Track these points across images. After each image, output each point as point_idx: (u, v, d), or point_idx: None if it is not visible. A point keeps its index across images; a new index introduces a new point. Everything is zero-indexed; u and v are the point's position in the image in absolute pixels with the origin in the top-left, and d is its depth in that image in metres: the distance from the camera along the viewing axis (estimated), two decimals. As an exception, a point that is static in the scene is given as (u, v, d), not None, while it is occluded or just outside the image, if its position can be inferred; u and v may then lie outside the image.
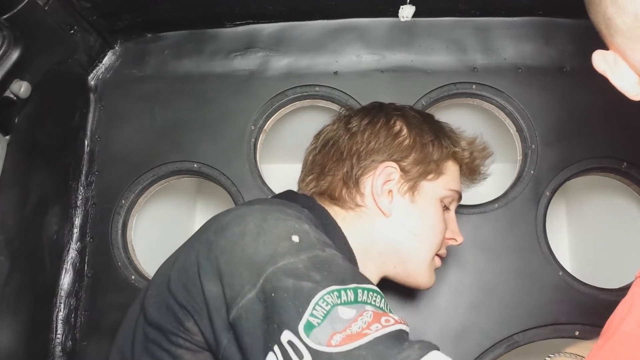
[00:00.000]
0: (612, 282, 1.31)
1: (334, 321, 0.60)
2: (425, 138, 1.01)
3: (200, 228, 0.83)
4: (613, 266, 1.61)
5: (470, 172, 1.09)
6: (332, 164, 1.00)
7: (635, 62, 0.68)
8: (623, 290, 1.28)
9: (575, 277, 1.29)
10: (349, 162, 0.98)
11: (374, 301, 0.66)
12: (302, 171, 1.10)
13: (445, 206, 1.03)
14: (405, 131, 1.01)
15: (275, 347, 0.60)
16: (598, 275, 1.47)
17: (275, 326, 0.62)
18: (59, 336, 1.31)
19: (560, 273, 1.28)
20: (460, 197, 1.07)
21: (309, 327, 0.60)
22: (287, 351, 0.59)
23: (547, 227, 1.32)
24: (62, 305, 1.32)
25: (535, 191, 1.33)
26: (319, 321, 0.60)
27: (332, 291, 0.63)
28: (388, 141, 0.99)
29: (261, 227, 0.73)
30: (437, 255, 1.03)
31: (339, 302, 0.63)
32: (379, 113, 1.04)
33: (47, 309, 1.30)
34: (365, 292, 0.66)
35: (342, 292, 0.64)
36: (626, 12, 0.65)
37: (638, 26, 0.64)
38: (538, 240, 1.30)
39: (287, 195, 1.00)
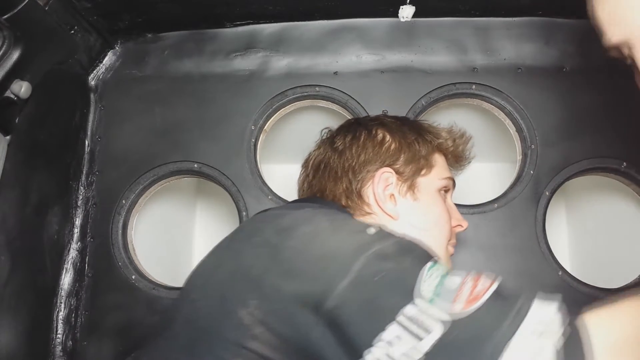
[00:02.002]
0: (612, 282, 1.31)
1: (446, 291, 0.65)
2: (409, 138, 1.04)
3: (243, 232, 0.84)
4: (612, 266, 1.61)
5: (456, 158, 1.12)
6: (331, 184, 1.02)
7: None
8: (622, 290, 1.28)
9: (574, 277, 1.29)
10: (346, 179, 1.00)
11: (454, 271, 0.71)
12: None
13: (444, 193, 1.06)
14: (388, 137, 1.04)
15: (392, 325, 0.62)
16: (597, 275, 1.47)
17: (383, 306, 0.64)
18: (59, 336, 1.31)
19: (560, 273, 1.29)
20: (454, 183, 1.10)
21: (427, 299, 0.64)
22: (407, 325, 0.62)
23: (547, 227, 1.32)
24: (63, 305, 1.32)
25: (535, 191, 1.33)
26: (434, 294, 0.64)
27: (430, 267, 0.68)
28: (376, 150, 1.01)
29: (333, 225, 0.77)
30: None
31: (441, 274, 0.68)
32: (358, 127, 1.06)
33: (48, 308, 1.30)
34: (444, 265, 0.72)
35: (435, 266, 0.69)
36: None
37: None
38: (537, 240, 1.31)
39: (313, 200, 1.02)
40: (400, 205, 0.99)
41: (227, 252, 0.82)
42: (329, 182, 1.02)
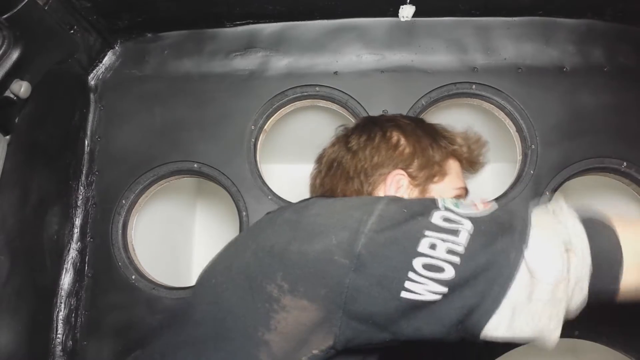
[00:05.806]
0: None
1: (464, 203, 0.76)
2: (424, 142, 1.03)
3: (262, 222, 0.88)
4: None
5: (471, 164, 1.11)
6: (342, 184, 1.02)
7: None
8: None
9: (574, 277, 1.29)
10: (357, 180, 1.00)
11: None
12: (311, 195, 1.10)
13: None
14: (403, 140, 1.03)
15: (428, 232, 0.70)
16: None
17: (419, 218, 0.72)
18: (59, 336, 1.31)
19: (560, 273, 1.28)
20: (467, 192, 1.09)
21: (454, 205, 0.74)
22: (441, 226, 0.71)
23: (547, 227, 1.32)
24: (63, 305, 1.32)
25: (535, 191, 1.34)
26: (456, 204, 0.75)
27: (443, 198, 0.77)
28: (390, 153, 1.01)
29: (345, 197, 0.87)
30: None
31: (454, 199, 0.79)
32: (374, 128, 1.06)
33: (48, 308, 1.30)
34: None
35: (446, 198, 0.79)
36: None
37: None
38: (538, 240, 1.30)
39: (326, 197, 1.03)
40: None
41: (248, 238, 0.84)
42: (341, 181, 1.02)
